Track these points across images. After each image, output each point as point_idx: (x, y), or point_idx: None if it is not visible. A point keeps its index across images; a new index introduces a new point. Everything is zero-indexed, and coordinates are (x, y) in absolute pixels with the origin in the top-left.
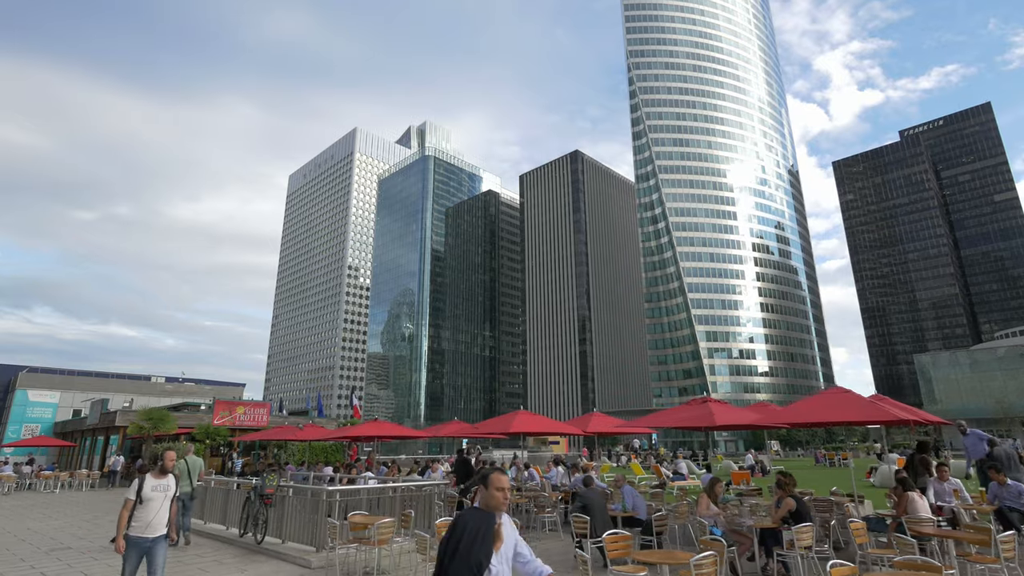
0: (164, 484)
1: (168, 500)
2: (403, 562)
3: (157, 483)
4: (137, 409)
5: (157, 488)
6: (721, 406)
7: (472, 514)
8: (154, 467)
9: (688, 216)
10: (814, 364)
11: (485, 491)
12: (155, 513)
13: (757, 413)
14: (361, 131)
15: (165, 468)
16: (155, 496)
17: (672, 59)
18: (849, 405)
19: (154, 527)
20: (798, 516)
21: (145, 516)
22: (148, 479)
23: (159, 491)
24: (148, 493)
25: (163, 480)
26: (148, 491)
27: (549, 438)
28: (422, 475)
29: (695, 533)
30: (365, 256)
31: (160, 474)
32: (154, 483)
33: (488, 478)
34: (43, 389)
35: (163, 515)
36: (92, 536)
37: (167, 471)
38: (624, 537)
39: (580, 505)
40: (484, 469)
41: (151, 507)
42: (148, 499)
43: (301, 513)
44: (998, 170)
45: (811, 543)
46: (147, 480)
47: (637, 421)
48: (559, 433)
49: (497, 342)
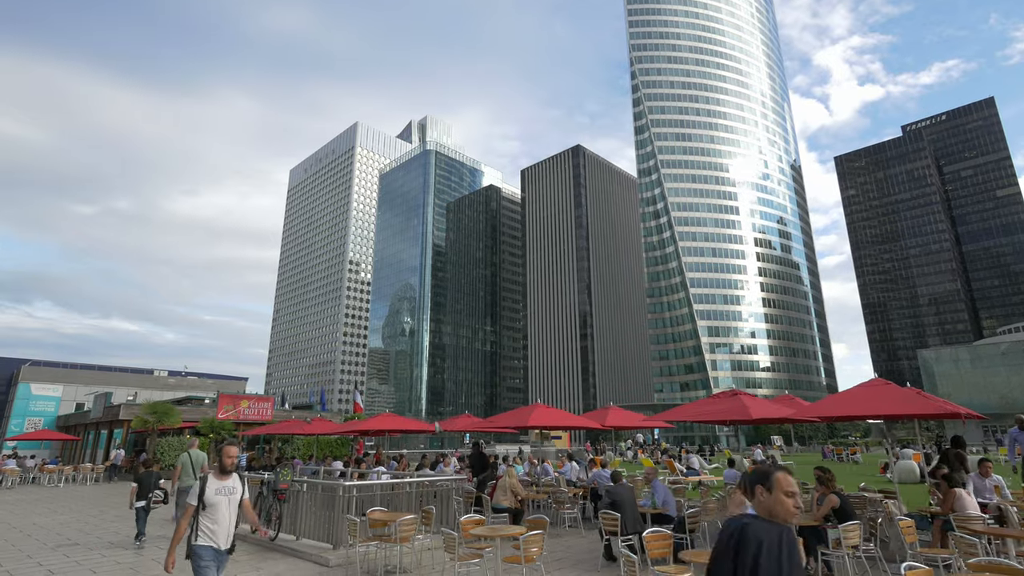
0: (228, 486)
1: (235, 505)
2: (424, 560)
3: (221, 485)
4: (141, 403)
5: (221, 491)
6: (753, 399)
7: (759, 526)
8: (212, 466)
9: (690, 211)
10: (815, 359)
11: (768, 495)
12: (223, 520)
13: (789, 407)
14: (362, 125)
15: (226, 467)
16: (219, 500)
17: (675, 53)
18: (893, 398)
19: (223, 536)
20: (842, 514)
21: (214, 524)
22: (210, 480)
23: (223, 494)
24: (212, 497)
25: (227, 481)
26: (211, 495)
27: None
28: (432, 469)
29: None
30: (366, 251)
31: (222, 474)
32: (217, 485)
33: (772, 478)
34: (46, 383)
35: (231, 522)
36: (99, 531)
37: (229, 470)
38: (664, 536)
39: (609, 502)
40: (762, 467)
41: (218, 513)
42: (212, 504)
43: (316, 509)
44: (1001, 165)
45: (858, 542)
46: (209, 482)
47: (662, 415)
48: (576, 427)
49: (498, 337)
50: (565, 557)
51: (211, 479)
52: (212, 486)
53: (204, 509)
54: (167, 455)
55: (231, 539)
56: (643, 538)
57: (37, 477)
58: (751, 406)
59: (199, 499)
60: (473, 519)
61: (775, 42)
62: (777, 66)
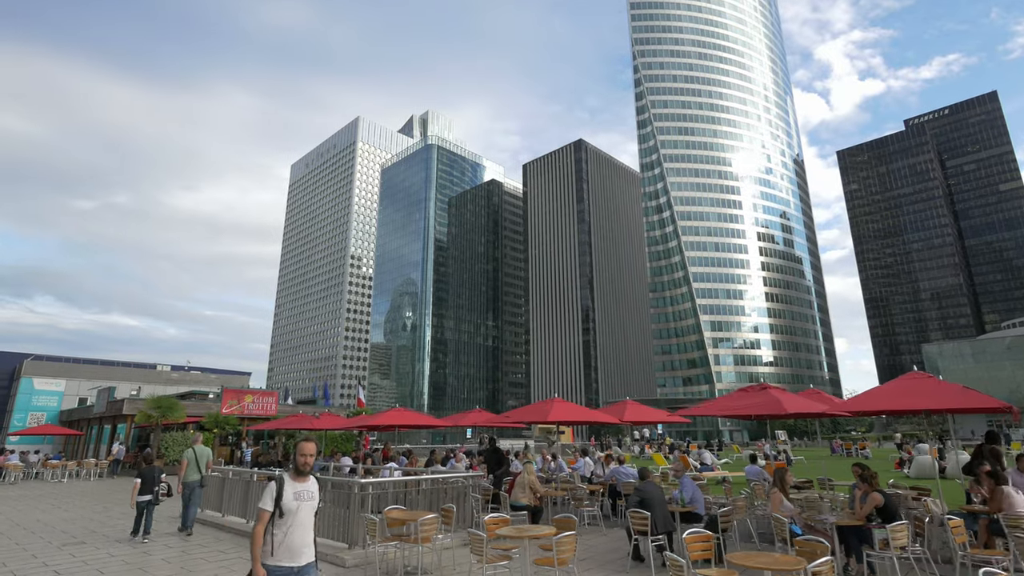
0: (308, 490)
1: (312, 513)
2: (445, 560)
3: (299, 488)
4: (145, 397)
5: (300, 495)
6: (784, 393)
7: None
8: (287, 465)
9: (693, 205)
10: (818, 354)
11: None
12: (301, 530)
13: (820, 401)
14: (363, 120)
15: (302, 467)
16: (298, 507)
17: (677, 47)
18: (936, 392)
19: (301, 550)
20: (886, 513)
21: (288, 535)
22: (287, 482)
23: (302, 499)
24: (290, 502)
25: (305, 484)
26: (289, 499)
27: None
28: (443, 465)
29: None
30: (368, 246)
31: (298, 476)
32: (296, 488)
33: None
34: (48, 377)
35: (310, 533)
36: (105, 529)
37: (306, 471)
38: (705, 537)
39: (638, 500)
40: None
41: (295, 522)
42: (290, 511)
43: (330, 507)
44: (1004, 159)
45: (906, 543)
46: (287, 483)
47: (686, 410)
48: (595, 422)
49: (500, 332)
50: (589, 557)
51: (288, 481)
52: (290, 489)
53: (281, 517)
54: (171, 450)
55: (311, 553)
56: (682, 539)
57: (40, 472)
58: (784, 400)
59: (276, 504)
60: (498, 518)
61: (778, 36)
62: (780, 60)
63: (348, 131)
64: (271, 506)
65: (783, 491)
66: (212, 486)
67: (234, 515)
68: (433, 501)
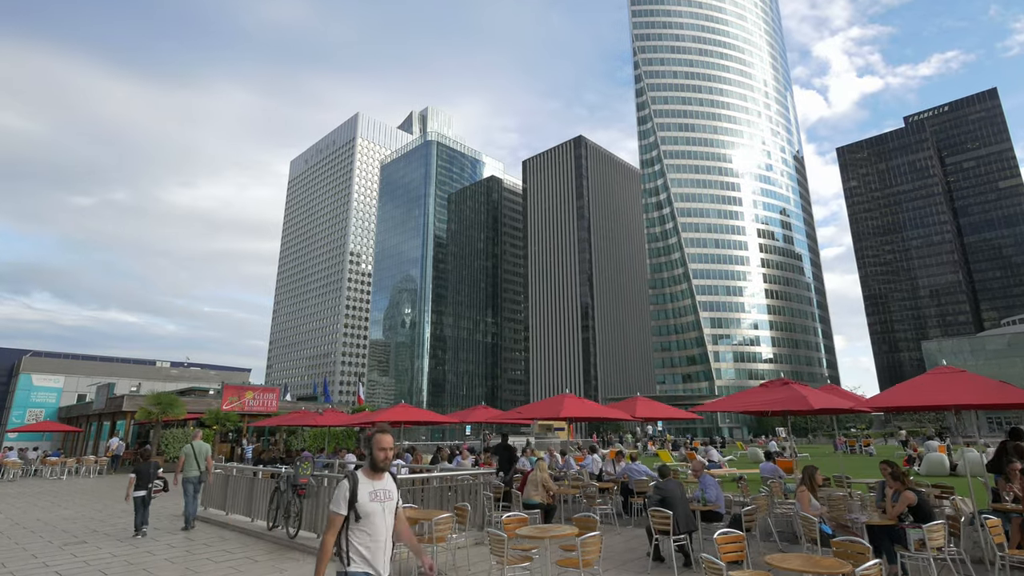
0: (385, 488)
1: (392, 515)
2: (460, 561)
3: (376, 487)
4: (144, 394)
5: (376, 495)
6: (808, 389)
7: None
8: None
9: (693, 202)
10: (818, 351)
11: None
12: (381, 536)
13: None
14: (363, 116)
15: (379, 463)
16: (375, 509)
17: (678, 43)
18: (970, 387)
19: (381, 559)
20: (919, 512)
21: (369, 541)
22: (362, 480)
23: (379, 499)
24: (366, 504)
25: (381, 482)
26: (365, 500)
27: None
28: (450, 462)
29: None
30: (367, 242)
31: (374, 472)
32: (372, 486)
33: None
34: (47, 373)
35: (389, 538)
36: (106, 527)
37: (383, 467)
38: (737, 537)
39: (659, 498)
40: None
41: (373, 526)
42: (367, 513)
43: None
44: (1003, 157)
45: (943, 543)
46: (361, 482)
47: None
48: (607, 418)
49: (499, 328)
50: (607, 557)
51: (362, 478)
52: (365, 488)
53: (357, 521)
54: (171, 447)
55: (389, 562)
56: (714, 540)
57: (39, 470)
58: (809, 396)
59: (350, 506)
60: (515, 518)
61: (778, 32)
62: (780, 56)
63: (347, 127)
64: (344, 509)
65: (812, 490)
66: (215, 484)
67: (238, 513)
68: (443, 499)
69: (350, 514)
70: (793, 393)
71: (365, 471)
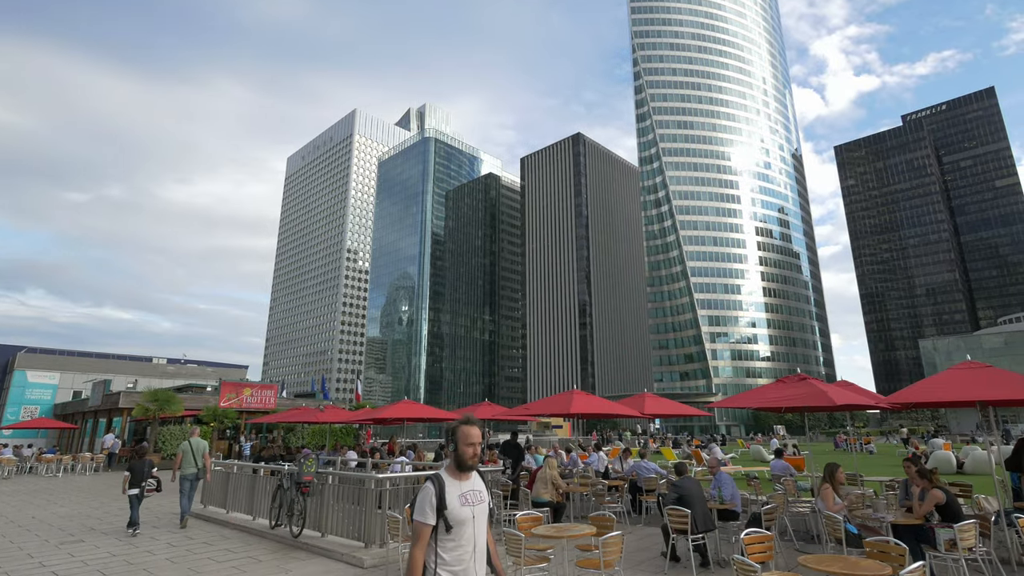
0: (475, 489)
1: (485, 518)
2: None
3: (465, 488)
4: (141, 390)
5: (468, 497)
6: (826, 384)
7: None
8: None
9: (691, 199)
10: (815, 349)
11: None
12: (474, 545)
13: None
14: (360, 113)
15: (467, 461)
16: (466, 515)
17: (677, 40)
18: (1003, 383)
19: (475, 571)
20: (947, 511)
21: (461, 553)
22: (448, 481)
23: (472, 502)
24: (457, 509)
25: (471, 482)
26: (456, 505)
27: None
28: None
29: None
30: (364, 239)
31: (462, 472)
32: (460, 488)
33: None
34: (42, 370)
35: (483, 548)
36: (103, 526)
37: (471, 466)
38: (765, 537)
39: (676, 496)
40: None
41: (463, 536)
42: (460, 521)
43: (344, 503)
44: (1000, 155)
45: (974, 543)
46: (447, 483)
47: (718, 402)
48: (615, 415)
49: (497, 326)
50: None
51: (448, 479)
52: (454, 491)
53: (448, 531)
54: (169, 444)
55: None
56: (741, 540)
57: (34, 467)
58: (830, 391)
59: (437, 513)
60: (530, 516)
61: (777, 30)
62: (779, 54)
63: (345, 124)
64: (433, 517)
65: (835, 488)
66: (216, 481)
67: (239, 511)
68: None
69: (438, 523)
70: (813, 389)
71: (449, 470)
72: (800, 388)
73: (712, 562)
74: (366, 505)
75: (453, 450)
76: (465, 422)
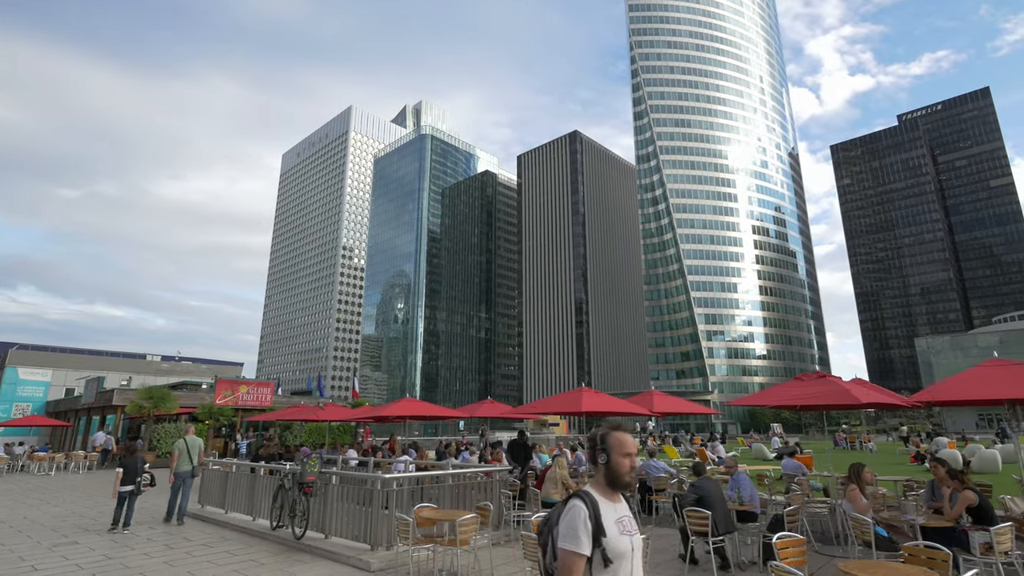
0: (628, 516)
1: (642, 553)
2: (483, 563)
3: (621, 513)
4: (135, 388)
5: (624, 524)
6: (843, 381)
7: None
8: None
9: (688, 198)
10: (811, 348)
11: None
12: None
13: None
14: (356, 109)
15: (622, 477)
16: (625, 547)
17: (675, 38)
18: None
19: None
20: (980, 513)
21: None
22: (602, 504)
23: (628, 530)
24: (616, 539)
25: (622, 504)
26: (614, 532)
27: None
28: (457, 458)
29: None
30: (360, 237)
31: (613, 491)
32: (616, 512)
33: None
34: (34, 367)
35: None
36: (97, 527)
37: (627, 483)
38: (799, 540)
39: (696, 497)
40: None
41: (621, 573)
42: (619, 554)
43: (349, 504)
44: (995, 155)
45: (1010, 546)
46: (602, 506)
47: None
48: (625, 413)
49: (493, 324)
50: None
51: (602, 501)
52: (610, 515)
53: (605, 567)
54: (164, 442)
55: None
56: (773, 544)
57: (26, 465)
58: (853, 389)
59: (592, 542)
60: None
61: (775, 28)
62: (776, 53)
63: (340, 120)
64: (588, 546)
65: (861, 488)
66: (214, 481)
67: (238, 512)
68: (456, 497)
69: (594, 555)
70: (836, 387)
71: (598, 488)
72: (822, 386)
73: (732, 565)
74: (372, 506)
75: (605, 463)
76: (617, 427)
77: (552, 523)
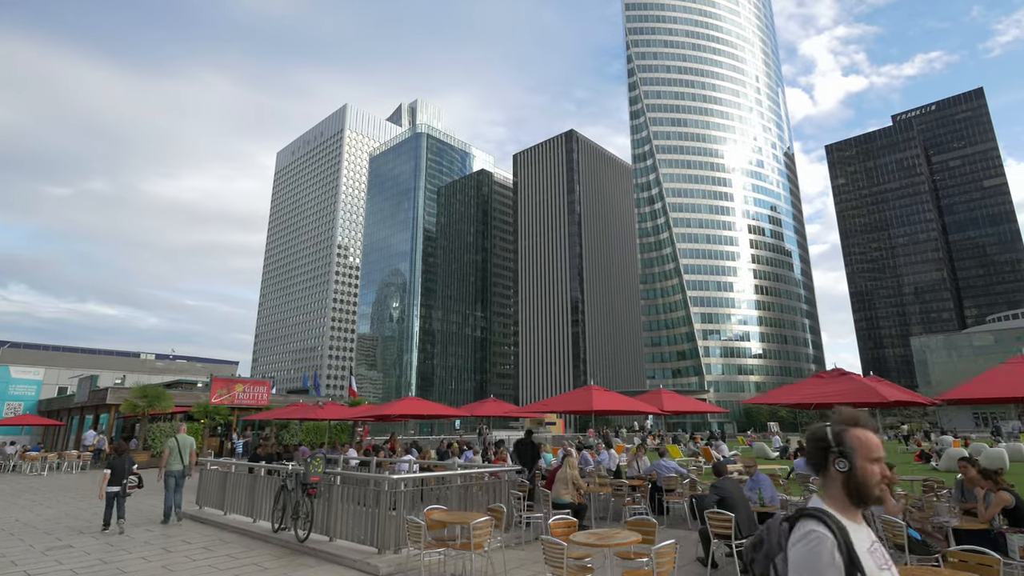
0: (878, 541)
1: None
2: (497, 568)
3: (870, 538)
4: (130, 386)
5: (877, 555)
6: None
7: None
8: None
9: (685, 197)
10: (806, 347)
11: None
12: None
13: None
14: (351, 108)
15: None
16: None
17: (671, 38)
18: None
19: None
20: (1016, 514)
21: None
22: (851, 529)
23: (886, 565)
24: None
25: (866, 527)
26: (871, 568)
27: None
28: (460, 458)
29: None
30: (355, 235)
31: (855, 508)
32: (868, 537)
33: None
34: (26, 365)
35: None
36: (91, 528)
37: (877, 498)
38: None
39: (717, 499)
40: None
41: None
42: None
43: (353, 505)
44: (988, 156)
45: None
46: (852, 531)
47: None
48: (633, 412)
49: (489, 323)
50: None
51: (849, 526)
52: (861, 543)
53: None
54: (158, 441)
55: None
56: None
57: (18, 465)
58: (877, 387)
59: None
60: (563, 521)
61: (770, 28)
62: (772, 53)
63: (335, 119)
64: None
65: (890, 489)
66: (213, 481)
67: (238, 513)
68: (463, 498)
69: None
70: (859, 385)
71: (836, 506)
72: (844, 384)
73: None
74: (379, 507)
75: (846, 471)
76: (854, 422)
77: (772, 549)
